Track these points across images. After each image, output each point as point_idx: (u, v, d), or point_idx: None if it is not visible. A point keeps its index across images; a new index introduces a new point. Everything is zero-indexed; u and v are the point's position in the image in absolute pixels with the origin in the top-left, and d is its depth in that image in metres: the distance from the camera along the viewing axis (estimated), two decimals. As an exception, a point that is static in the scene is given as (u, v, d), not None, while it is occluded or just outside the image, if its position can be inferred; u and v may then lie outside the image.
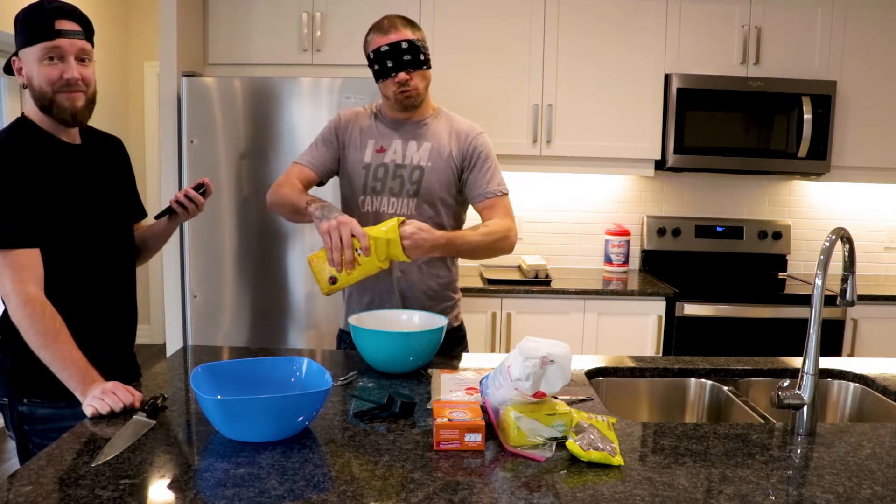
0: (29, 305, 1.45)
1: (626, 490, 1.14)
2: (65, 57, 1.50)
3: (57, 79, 1.50)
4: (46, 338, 1.45)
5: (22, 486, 1.10)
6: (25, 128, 1.56)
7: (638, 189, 3.64)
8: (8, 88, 4.13)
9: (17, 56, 1.54)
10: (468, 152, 1.99)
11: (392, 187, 1.97)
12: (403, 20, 1.92)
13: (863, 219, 3.68)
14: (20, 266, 1.47)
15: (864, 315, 3.10)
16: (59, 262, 1.55)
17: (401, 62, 1.88)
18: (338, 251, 1.69)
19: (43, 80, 1.50)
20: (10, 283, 1.46)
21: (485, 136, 2.03)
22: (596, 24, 3.23)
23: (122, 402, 1.40)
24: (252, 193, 2.93)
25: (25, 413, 1.58)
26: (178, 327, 3.04)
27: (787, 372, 1.85)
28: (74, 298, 1.59)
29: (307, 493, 1.10)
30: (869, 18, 3.25)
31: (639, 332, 3.10)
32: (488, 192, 1.98)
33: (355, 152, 2.00)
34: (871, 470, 1.23)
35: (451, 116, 2.06)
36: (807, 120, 3.17)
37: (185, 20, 3.03)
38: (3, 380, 1.60)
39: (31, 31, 1.49)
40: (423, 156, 1.97)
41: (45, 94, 1.51)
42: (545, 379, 1.27)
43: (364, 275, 1.75)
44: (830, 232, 1.41)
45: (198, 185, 1.82)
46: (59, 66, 1.50)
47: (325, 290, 1.78)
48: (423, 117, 2.01)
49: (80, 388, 1.44)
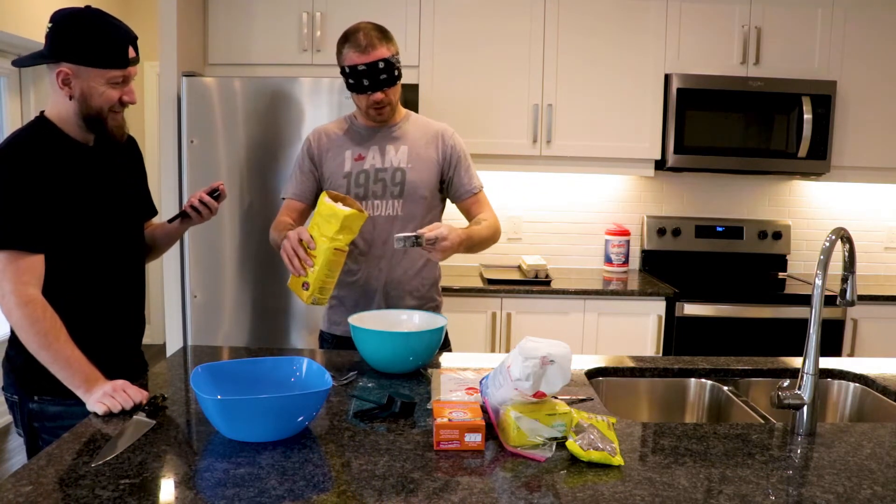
0: (29, 306, 1.46)
1: (626, 490, 1.14)
2: (127, 82, 1.57)
3: (116, 101, 1.56)
4: (47, 338, 1.46)
5: (22, 486, 1.10)
6: (45, 129, 1.57)
7: (638, 189, 3.64)
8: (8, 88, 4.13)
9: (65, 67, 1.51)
10: (448, 153, 2.06)
11: (375, 191, 2.00)
12: (379, 34, 1.93)
13: (863, 219, 3.68)
14: (22, 268, 1.47)
15: (864, 315, 3.10)
16: (71, 261, 1.57)
17: (377, 82, 1.91)
18: (293, 258, 1.74)
19: (104, 100, 1.55)
20: (11, 283, 1.46)
21: (457, 135, 2.11)
22: (596, 24, 3.23)
23: (132, 401, 1.42)
24: (252, 193, 2.93)
25: (35, 410, 1.59)
26: (178, 327, 3.04)
27: (787, 372, 1.85)
28: (86, 296, 1.60)
29: (307, 493, 1.10)
30: (869, 18, 3.25)
31: (639, 332, 3.10)
32: (473, 189, 2.09)
33: (333, 165, 2.04)
34: (871, 470, 1.23)
35: (418, 118, 2.12)
36: (807, 120, 3.17)
37: (185, 20, 3.03)
38: (14, 377, 1.61)
39: (104, 56, 1.52)
40: (402, 158, 2.02)
41: (102, 113, 1.56)
42: (545, 379, 1.28)
43: (326, 261, 1.74)
44: (830, 232, 1.41)
45: (212, 189, 1.82)
46: (120, 90, 1.56)
47: (306, 300, 1.77)
48: (395, 122, 2.07)
49: (83, 386, 1.45)
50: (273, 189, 2.92)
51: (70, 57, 1.50)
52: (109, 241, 1.65)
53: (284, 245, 1.77)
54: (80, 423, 1.37)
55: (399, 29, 2.65)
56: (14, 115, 4.22)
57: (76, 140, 1.60)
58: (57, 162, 1.55)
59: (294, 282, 1.79)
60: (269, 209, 2.93)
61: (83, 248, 1.59)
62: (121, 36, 1.54)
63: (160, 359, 1.88)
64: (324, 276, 1.76)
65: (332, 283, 1.80)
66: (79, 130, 1.59)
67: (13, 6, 3.69)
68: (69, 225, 1.55)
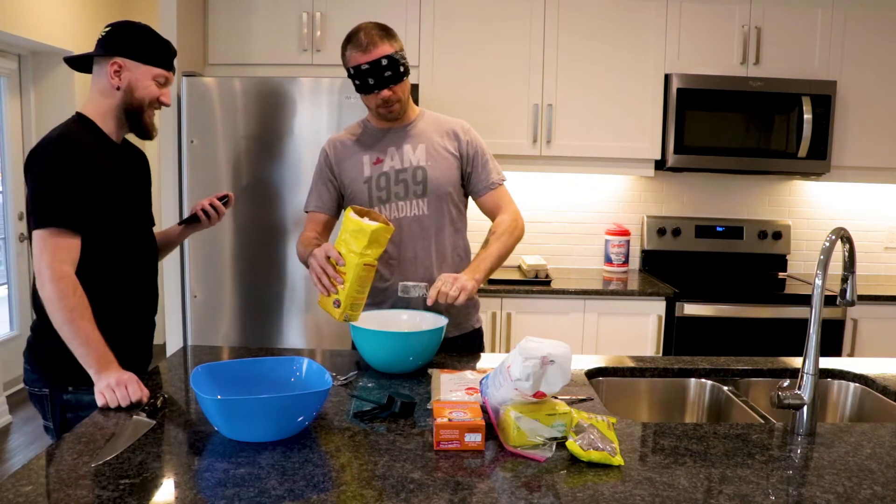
0: (63, 281, 1.53)
1: (626, 490, 1.14)
2: (167, 85, 1.76)
3: (156, 98, 1.73)
4: (73, 314, 1.52)
5: (22, 486, 1.10)
6: (85, 125, 1.69)
7: (638, 189, 3.64)
8: (8, 89, 4.13)
9: (119, 59, 1.68)
10: (464, 149, 2.04)
11: (397, 192, 1.97)
12: (380, 31, 1.91)
13: (863, 219, 3.68)
14: (62, 246, 1.56)
15: (864, 315, 3.10)
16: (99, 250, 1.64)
17: (382, 79, 1.88)
18: (322, 276, 1.73)
19: (147, 94, 1.71)
20: (49, 258, 1.54)
21: (473, 130, 2.09)
22: (596, 24, 3.23)
23: (130, 399, 1.46)
24: (252, 193, 2.93)
25: (71, 401, 1.63)
26: (178, 327, 3.04)
27: (787, 372, 1.85)
28: (108, 284, 1.67)
29: (307, 493, 1.10)
30: (869, 18, 3.25)
31: (639, 332, 3.10)
32: (491, 185, 2.05)
33: (353, 172, 2.01)
34: (871, 470, 1.23)
35: (434, 116, 2.09)
36: (807, 120, 3.17)
37: (185, 20, 3.03)
38: (44, 371, 1.66)
39: (157, 54, 1.72)
40: (420, 156, 1.99)
41: (142, 105, 1.71)
42: (545, 379, 1.28)
43: (357, 277, 1.71)
44: (830, 232, 1.41)
45: (222, 196, 1.95)
46: (160, 90, 1.74)
47: (338, 317, 1.74)
48: (410, 121, 2.04)
49: (95, 366, 1.50)
50: (273, 189, 2.92)
51: (125, 52, 1.68)
52: (133, 233, 1.75)
53: (311, 264, 1.75)
54: (81, 423, 1.37)
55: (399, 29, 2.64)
56: (14, 115, 4.22)
57: (111, 138, 1.73)
58: (98, 155, 1.66)
59: (324, 300, 1.76)
60: (268, 209, 2.93)
61: (111, 239, 1.68)
62: (169, 45, 1.76)
63: (160, 359, 1.88)
64: (355, 292, 1.72)
65: (363, 299, 1.77)
66: (115, 125, 1.72)
67: (13, 6, 3.69)
68: (102, 215, 1.64)
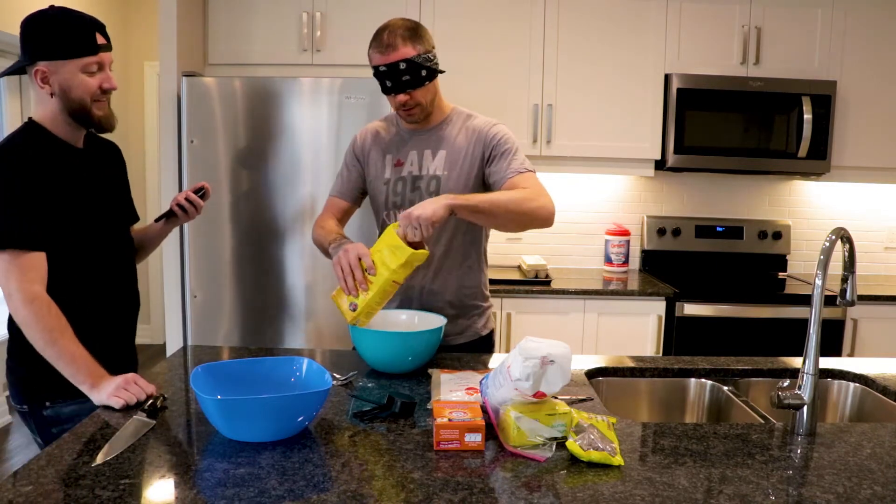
0: (35, 303, 1.48)
1: (626, 490, 1.14)
2: (103, 68, 1.59)
3: (96, 89, 1.58)
4: (53, 334, 1.48)
5: (22, 486, 1.10)
6: (37, 133, 1.59)
7: (638, 189, 3.64)
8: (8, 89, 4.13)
9: (37, 65, 1.54)
10: (487, 146, 1.92)
11: (412, 199, 1.93)
12: (404, 32, 1.81)
13: (863, 219, 3.68)
14: (26, 266, 1.49)
15: (864, 315, 3.10)
16: (66, 260, 1.58)
17: (399, 83, 1.82)
18: (349, 276, 1.69)
19: (84, 90, 1.56)
20: (16, 282, 1.48)
21: (500, 126, 1.97)
22: (596, 25, 3.23)
23: (144, 393, 1.46)
24: (252, 193, 2.93)
25: (51, 416, 1.60)
26: (178, 327, 3.04)
27: (787, 372, 1.85)
28: (81, 295, 1.62)
29: (307, 493, 1.10)
30: (869, 18, 3.25)
31: (639, 332, 3.10)
32: (509, 173, 1.86)
33: (376, 168, 1.99)
34: (871, 470, 1.23)
35: (463, 116, 1.99)
36: (807, 120, 3.17)
37: (185, 20, 3.03)
38: (21, 389, 1.62)
39: (71, 45, 1.54)
40: (438, 165, 1.93)
41: (84, 103, 1.57)
42: (545, 379, 1.28)
43: (381, 290, 1.69)
44: (830, 232, 1.41)
45: (197, 188, 1.86)
46: (98, 77, 1.58)
47: (349, 320, 1.73)
48: (436, 123, 1.97)
49: (88, 381, 1.47)
50: (273, 189, 2.92)
51: (42, 54, 1.53)
52: (102, 239, 1.68)
53: (341, 259, 1.71)
54: (81, 423, 1.37)
55: (399, 29, 2.66)
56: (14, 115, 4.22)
57: (66, 142, 1.63)
58: (50, 163, 1.57)
59: (339, 296, 1.74)
60: (269, 209, 2.93)
61: (78, 247, 1.61)
62: (85, 24, 1.56)
63: (160, 359, 1.88)
64: (374, 303, 1.71)
65: (377, 310, 1.76)
66: (68, 130, 1.62)
67: (13, 6, 3.69)
68: (64, 224, 1.57)
